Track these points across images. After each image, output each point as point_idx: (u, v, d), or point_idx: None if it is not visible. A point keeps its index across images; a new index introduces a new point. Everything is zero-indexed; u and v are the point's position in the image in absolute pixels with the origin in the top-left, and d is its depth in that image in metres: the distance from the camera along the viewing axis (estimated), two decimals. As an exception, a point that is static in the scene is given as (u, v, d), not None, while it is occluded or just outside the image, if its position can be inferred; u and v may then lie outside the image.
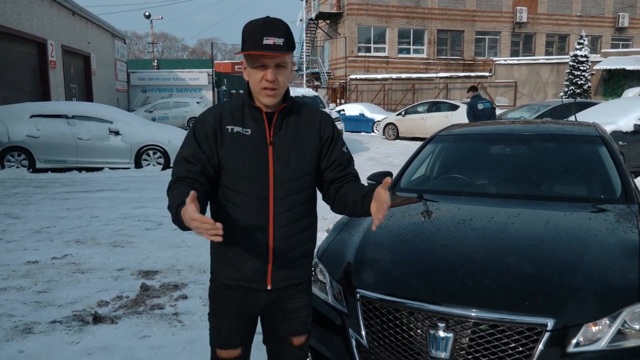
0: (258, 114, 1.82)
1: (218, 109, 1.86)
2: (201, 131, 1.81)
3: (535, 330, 2.02)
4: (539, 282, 2.20)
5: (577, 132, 3.80)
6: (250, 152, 1.79)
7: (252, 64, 1.75)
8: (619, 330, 2.05)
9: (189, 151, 1.81)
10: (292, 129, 1.85)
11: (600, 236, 2.53)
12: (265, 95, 1.77)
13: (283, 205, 1.82)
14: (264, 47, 1.70)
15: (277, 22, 1.77)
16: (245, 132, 1.80)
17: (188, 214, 1.50)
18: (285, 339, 1.99)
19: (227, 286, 1.89)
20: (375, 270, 2.49)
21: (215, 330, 1.96)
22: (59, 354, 3.37)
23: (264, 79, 1.74)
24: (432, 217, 3.06)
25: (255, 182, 1.79)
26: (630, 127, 9.44)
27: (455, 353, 2.08)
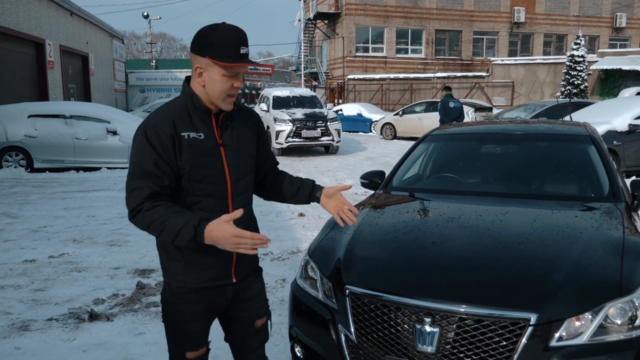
0: (207, 117, 1.84)
1: (167, 115, 1.80)
2: (157, 141, 1.75)
3: (519, 325, 2.07)
4: (523, 278, 2.24)
5: (567, 132, 3.85)
6: (208, 156, 1.82)
7: (225, 73, 1.76)
8: (600, 324, 2.10)
9: (150, 163, 1.74)
10: (236, 128, 1.92)
11: (585, 233, 2.58)
12: (229, 102, 1.82)
13: (239, 202, 1.91)
14: (242, 57, 1.76)
15: (242, 30, 1.80)
16: (199, 136, 1.81)
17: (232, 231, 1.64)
18: (251, 325, 2.06)
19: (194, 289, 1.88)
20: (364, 266, 2.54)
21: (182, 335, 1.94)
22: (55, 350, 3.42)
23: (233, 87, 1.79)
24: (422, 215, 3.11)
25: (216, 184, 1.84)
26: (625, 127, 9.51)
27: (441, 347, 2.13)
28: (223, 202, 1.87)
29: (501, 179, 3.62)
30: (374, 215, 3.10)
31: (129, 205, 1.75)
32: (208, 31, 1.76)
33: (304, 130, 14.06)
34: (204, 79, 1.79)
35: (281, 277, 4.73)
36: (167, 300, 1.94)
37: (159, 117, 1.80)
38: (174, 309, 1.91)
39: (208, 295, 1.91)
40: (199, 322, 1.94)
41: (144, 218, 1.72)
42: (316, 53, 37.56)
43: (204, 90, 1.81)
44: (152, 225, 1.72)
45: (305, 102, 15.37)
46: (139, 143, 1.77)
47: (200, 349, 1.97)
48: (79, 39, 21.25)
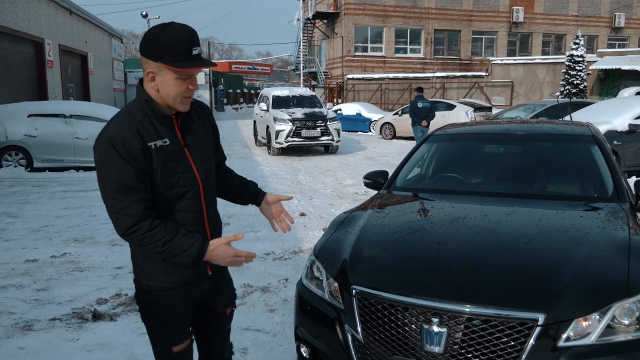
0: (169, 121, 1.83)
1: (131, 125, 1.75)
2: (129, 154, 1.70)
3: (527, 325, 2.07)
4: (531, 278, 2.25)
5: (570, 132, 3.85)
6: (176, 160, 1.82)
7: (179, 76, 1.73)
8: (608, 325, 2.10)
9: (132, 179, 1.71)
10: (194, 126, 1.93)
11: (591, 234, 2.58)
12: (185, 104, 1.81)
13: (209, 198, 1.96)
14: (195, 58, 1.73)
15: (194, 30, 1.75)
16: (165, 142, 1.79)
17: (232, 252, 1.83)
18: (223, 313, 2.15)
19: (179, 286, 1.91)
20: (371, 267, 2.54)
21: (166, 330, 1.97)
22: (59, 350, 3.42)
23: (188, 89, 1.77)
24: (427, 216, 3.11)
25: (188, 186, 1.85)
26: (625, 127, 9.52)
27: (448, 347, 2.13)
28: (196, 201, 1.90)
29: (505, 179, 3.62)
30: (378, 216, 3.10)
31: (122, 225, 1.72)
32: (157, 33, 1.71)
33: (304, 130, 14.05)
34: (157, 83, 1.76)
35: (284, 277, 4.73)
36: (146, 299, 1.95)
37: (122, 130, 1.73)
38: (156, 306, 1.93)
39: (186, 290, 1.94)
40: (181, 316, 1.98)
41: (142, 239, 1.73)
42: (315, 52, 37.54)
43: (159, 94, 1.77)
44: (150, 246, 1.74)
45: (305, 102, 15.37)
46: (111, 159, 1.70)
47: (185, 341, 2.02)
48: (78, 38, 21.20)
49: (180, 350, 2.00)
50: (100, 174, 1.75)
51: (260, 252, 5.39)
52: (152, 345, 2.04)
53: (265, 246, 5.64)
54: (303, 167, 12.28)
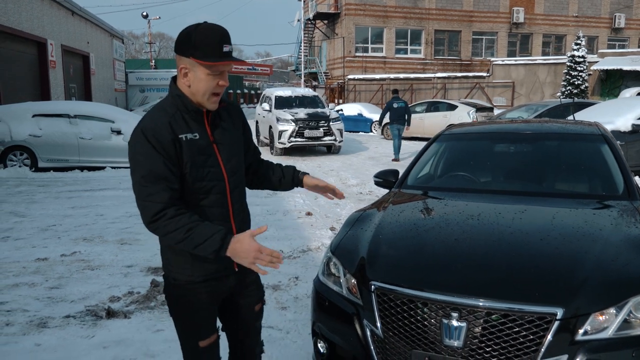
0: (199, 116, 1.89)
1: (164, 118, 1.83)
2: (161, 146, 1.78)
3: (545, 320, 2.11)
4: (548, 273, 2.29)
5: (580, 131, 3.90)
6: (205, 155, 1.87)
7: (210, 72, 1.80)
8: (625, 319, 2.14)
9: (161, 168, 1.77)
10: (225, 125, 1.98)
11: (605, 230, 2.62)
12: (214, 101, 1.87)
13: (236, 195, 1.99)
14: (226, 55, 1.80)
15: (224, 29, 1.83)
16: (195, 136, 1.86)
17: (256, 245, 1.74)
18: (251, 310, 2.16)
19: (201, 281, 1.94)
20: (389, 263, 2.58)
21: (193, 325, 1.99)
22: (75, 347, 3.45)
23: (218, 85, 1.84)
24: (441, 213, 3.15)
25: (215, 180, 1.90)
26: (628, 127, 9.56)
27: (468, 342, 2.17)
28: (222, 197, 1.94)
29: (516, 177, 3.66)
30: (393, 213, 3.14)
31: (148, 211, 1.76)
32: (190, 31, 1.79)
33: (307, 130, 14.09)
34: (189, 79, 1.83)
35: (294, 275, 4.77)
36: (174, 294, 1.99)
37: (154, 122, 1.82)
38: (183, 301, 1.97)
39: (213, 285, 1.98)
40: (207, 311, 2.01)
41: (167, 225, 1.76)
42: (315, 53, 37.58)
43: (190, 90, 1.85)
44: (174, 233, 1.76)
45: (307, 102, 15.41)
46: (142, 149, 1.77)
47: (211, 336, 2.04)
48: (80, 38, 21.25)
49: (206, 345, 2.02)
50: (131, 163, 1.81)
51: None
52: (179, 340, 2.06)
53: (273, 245, 5.67)
54: (306, 167, 12.31)
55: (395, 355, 2.32)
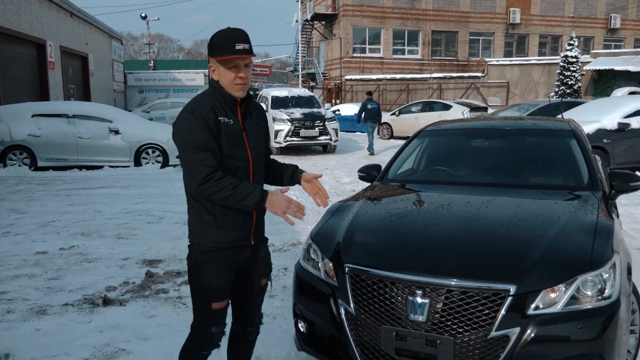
0: (234, 106, 2.24)
1: (209, 102, 2.19)
2: (205, 122, 2.14)
3: (500, 295, 2.32)
4: (505, 255, 2.50)
5: (551, 127, 4.11)
6: (235, 137, 2.22)
7: (226, 66, 2.15)
8: (573, 295, 2.35)
9: (209, 140, 2.13)
10: (253, 116, 2.33)
11: (562, 217, 2.83)
12: (239, 90, 2.19)
13: (257, 177, 2.33)
14: (237, 51, 2.12)
15: (243, 31, 2.19)
16: (230, 122, 2.21)
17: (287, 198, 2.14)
18: (258, 282, 2.48)
19: (220, 249, 2.26)
20: (362, 247, 2.79)
21: (209, 288, 2.29)
22: (73, 331, 3.66)
23: (237, 77, 2.16)
24: (415, 203, 3.37)
25: (241, 161, 2.24)
26: (614, 126, 9.79)
27: (430, 316, 2.38)
28: (246, 175, 2.26)
29: (489, 170, 3.87)
30: (370, 204, 3.35)
31: (199, 174, 2.09)
32: (213, 36, 2.17)
33: (303, 130, 14.31)
34: (216, 75, 2.21)
35: (283, 266, 4.98)
36: (197, 259, 2.29)
37: (201, 104, 2.18)
38: (204, 266, 2.27)
39: (232, 254, 2.29)
40: (224, 277, 2.31)
41: (217, 184, 2.09)
42: (313, 54, 37.81)
43: (219, 84, 2.20)
44: (222, 190, 2.09)
45: (303, 102, 15.63)
46: (191, 125, 2.12)
47: (223, 300, 2.35)
48: (79, 39, 21.45)
49: (218, 308, 2.33)
50: (180, 138, 2.14)
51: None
52: (193, 303, 2.37)
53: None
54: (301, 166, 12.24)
55: (367, 330, 2.53)
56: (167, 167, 11.96)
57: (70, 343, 3.47)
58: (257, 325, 2.61)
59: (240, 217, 2.26)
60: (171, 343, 3.45)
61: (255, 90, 52.33)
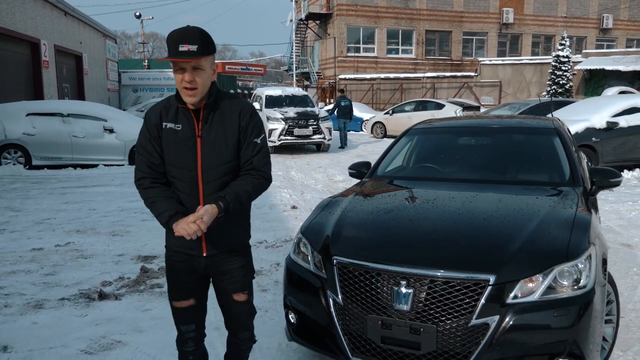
0: (187, 112, 2.14)
1: (160, 107, 2.18)
2: (150, 127, 2.16)
3: (480, 285, 2.43)
4: (485, 247, 2.62)
5: (536, 125, 4.24)
6: (180, 145, 2.13)
7: (174, 69, 2.06)
8: (550, 285, 2.47)
9: (146, 144, 2.16)
10: (217, 122, 2.16)
11: (542, 211, 2.95)
12: (186, 95, 2.07)
13: (210, 188, 2.17)
14: (179, 54, 2.01)
15: (192, 30, 2.04)
16: (177, 127, 2.14)
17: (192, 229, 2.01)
18: (228, 296, 2.36)
19: (176, 251, 2.28)
20: (350, 241, 2.90)
21: (169, 286, 2.35)
22: (69, 324, 3.74)
23: (183, 80, 2.04)
24: (401, 198, 3.48)
25: (186, 169, 2.15)
26: (603, 124, 9.93)
27: (414, 305, 2.49)
28: (192, 185, 2.17)
29: (475, 167, 3.99)
30: (359, 199, 3.46)
31: (134, 175, 2.21)
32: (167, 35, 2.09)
33: (296, 129, 14.40)
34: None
35: (275, 262, 5.08)
36: (165, 259, 2.36)
37: (154, 109, 2.21)
38: (167, 263, 2.34)
39: (186, 259, 2.28)
40: (182, 278, 2.31)
41: (142, 192, 2.18)
42: (308, 53, 37.88)
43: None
44: (145, 200, 2.17)
45: (297, 101, 15.72)
46: (141, 128, 2.20)
47: (183, 300, 2.33)
48: (73, 38, 21.43)
49: (179, 307, 2.35)
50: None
51: (254, 240, 5.71)
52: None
53: (258, 235, 5.98)
54: (295, 165, 12.62)
55: (354, 320, 2.64)
56: (162, 166, 12.01)
57: (67, 335, 3.55)
58: (243, 340, 2.48)
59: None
60: (165, 335, 3.55)
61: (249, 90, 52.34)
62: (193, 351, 2.42)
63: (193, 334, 2.39)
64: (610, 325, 3.02)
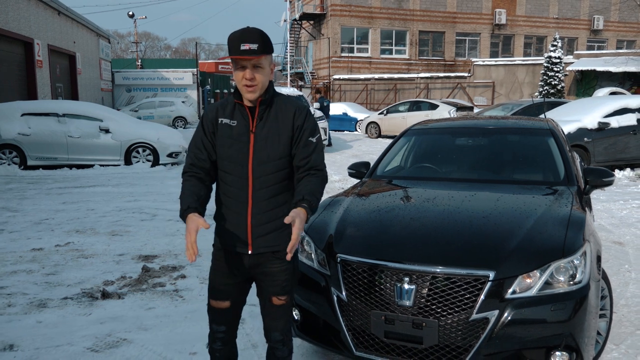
0: (242, 109, 2.22)
1: (217, 104, 2.29)
2: (205, 123, 2.27)
3: (480, 281, 2.52)
4: (485, 244, 2.70)
5: (531, 126, 4.34)
6: (234, 139, 2.20)
7: (235, 67, 2.14)
8: (547, 281, 2.56)
9: (197, 139, 2.28)
10: (271, 119, 2.22)
11: (539, 210, 3.04)
12: (247, 91, 2.15)
13: (260, 183, 2.20)
14: (241, 52, 2.09)
15: (253, 30, 2.12)
16: (232, 123, 2.22)
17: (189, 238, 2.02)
18: (268, 298, 2.35)
19: (221, 249, 2.31)
20: (353, 239, 2.97)
21: (210, 284, 2.37)
22: (74, 323, 3.79)
23: (244, 78, 2.12)
24: (402, 198, 3.56)
25: (237, 164, 2.20)
26: (594, 125, 10.09)
27: (417, 301, 2.57)
28: (242, 180, 2.21)
29: (472, 167, 4.08)
30: (360, 198, 3.54)
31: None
32: (229, 35, 2.16)
33: (292, 129, 14.44)
34: (234, 76, 2.21)
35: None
36: (212, 254, 2.39)
37: (212, 106, 2.33)
38: (212, 262, 2.37)
39: (230, 257, 2.30)
40: (223, 278, 2.33)
41: (183, 181, 2.27)
42: (302, 53, 37.95)
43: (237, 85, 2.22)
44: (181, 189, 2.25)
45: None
46: (199, 123, 2.32)
47: (220, 300, 2.34)
48: (67, 38, 21.38)
49: (216, 307, 2.35)
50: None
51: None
52: None
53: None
54: (291, 165, 12.66)
55: (358, 316, 2.71)
56: (158, 166, 12.05)
57: (73, 334, 3.61)
58: (277, 342, 2.41)
59: (234, 223, 2.23)
60: (170, 333, 3.63)
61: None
62: (220, 349, 2.43)
63: (222, 335, 2.40)
64: (604, 320, 3.11)
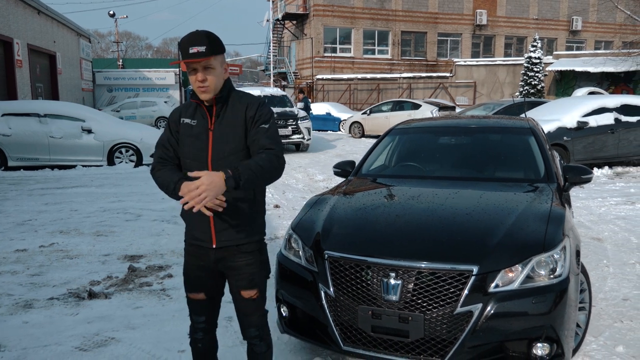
0: (201, 108, 2.30)
1: (182, 105, 2.41)
2: (171, 123, 2.37)
3: (464, 275, 2.60)
4: (468, 239, 2.78)
5: (512, 125, 4.45)
6: (194, 138, 2.29)
7: (188, 70, 2.22)
8: (528, 274, 2.65)
9: (164, 138, 2.39)
10: (227, 116, 2.29)
11: (520, 206, 3.14)
12: (201, 92, 2.24)
13: None
14: (190, 55, 2.16)
15: (201, 33, 2.20)
16: (193, 122, 2.31)
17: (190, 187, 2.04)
18: (237, 291, 2.40)
19: (190, 244, 2.42)
20: (340, 236, 3.03)
21: (184, 277, 2.47)
22: (61, 323, 3.79)
23: (196, 80, 2.21)
24: (387, 195, 3.63)
25: (198, 161, 2.27)
26: (574, 124, 10.31)
27: (403, 295, 2.64)
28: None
29: (455, 165, 4.17)
30: (346, 196, 3.60)
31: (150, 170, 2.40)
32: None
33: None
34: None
35: (262, 259, 5.18)
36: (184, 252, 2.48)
37: (177, 107, 2.45)
38: (184, 255, 2.46)
39: (197, 252, 2.39)
40: (193, 271, 2.43)
41: (155, 176, 2.32)
42: (285, 53, 37.93)
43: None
44: (156, 181, 2.31)
45: (276, 102, 15.79)
46: (167, 122, 2.42)
47: (195, 292, 2.45)
48: (47, 37, 21.08)
49: (193, 298, 2.47)
50: None
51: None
52: None
53: (243, 234, 6.06)
54: (275, 164, 12.67)
55: (345, 311, 2.77)
56: (141, 166, 11.97)
57: (60, 333, 3.60)
58: (254, 338, 2.47)
59: (197, 218, 2.24)
60: (158, 332, 3.64)
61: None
62: (202, 339, 2.52)
63: (203, 324, 2.50)
64: (583, 313, 3.22)
